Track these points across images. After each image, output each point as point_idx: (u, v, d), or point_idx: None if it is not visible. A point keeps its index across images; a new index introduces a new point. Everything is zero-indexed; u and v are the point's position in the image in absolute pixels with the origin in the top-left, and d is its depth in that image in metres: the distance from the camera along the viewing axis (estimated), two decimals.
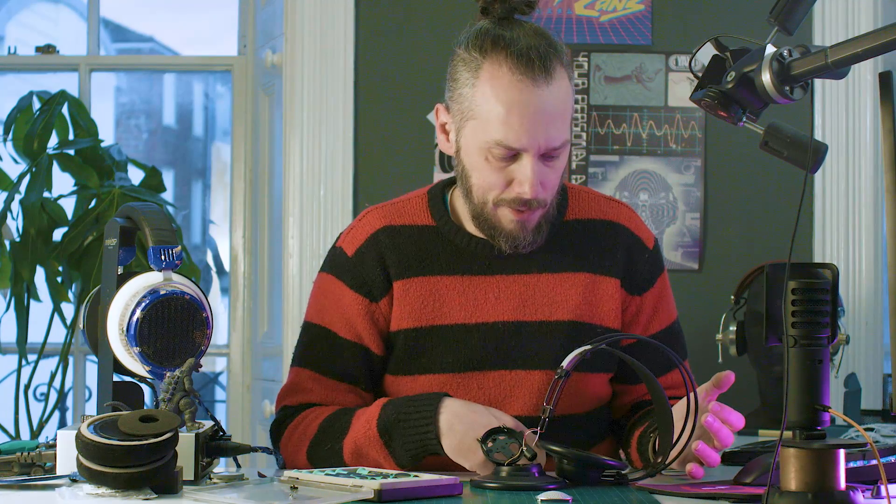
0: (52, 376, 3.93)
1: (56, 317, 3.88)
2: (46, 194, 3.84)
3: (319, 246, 3.72)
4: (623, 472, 1.86)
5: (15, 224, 3.85)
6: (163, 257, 1.88)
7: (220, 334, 4.04)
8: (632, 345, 2.15)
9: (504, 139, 2.01)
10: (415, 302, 2.12)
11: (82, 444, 1.63)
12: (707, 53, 1.70)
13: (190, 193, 9.41)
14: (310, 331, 2.19)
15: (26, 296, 3.81)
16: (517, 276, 2.13)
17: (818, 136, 3.68)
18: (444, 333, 2.11)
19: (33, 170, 3.81)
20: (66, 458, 1.78)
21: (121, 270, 1.92)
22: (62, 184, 3.92)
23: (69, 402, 4.35)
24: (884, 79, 1.51)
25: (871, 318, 3.70)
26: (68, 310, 3.94)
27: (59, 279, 3.85)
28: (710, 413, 1.88)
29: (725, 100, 1.64)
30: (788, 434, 1.55)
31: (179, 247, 1.90)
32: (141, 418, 1.68)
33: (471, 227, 2.15)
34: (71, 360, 4.07)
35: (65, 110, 3.91)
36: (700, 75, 1.69)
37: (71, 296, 3.88)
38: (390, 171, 3.75)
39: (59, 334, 3.94)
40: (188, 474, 1.74)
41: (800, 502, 1.50)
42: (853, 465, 1.74)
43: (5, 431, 3.90)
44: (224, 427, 1.87)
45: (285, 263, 3.77)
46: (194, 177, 9.61)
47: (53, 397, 3.96)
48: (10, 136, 3.93)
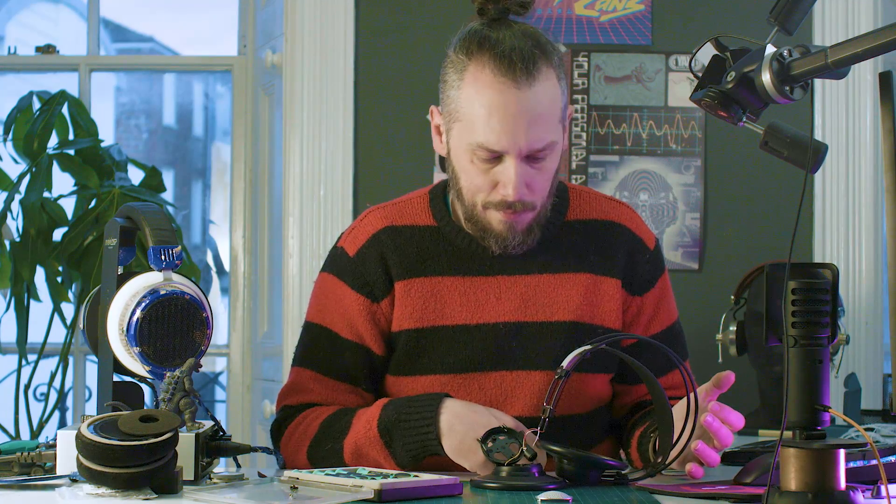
0: (52, 376, 3.92)
1: (56, 317, 3.88)
2: (46, 194, 3.83)
3: (319, 246, 3.71)
4: (623, 472, 1.86)
5: (15, 224, 3.85)
6: (163, 257, 1.88)
7: (220, 334, 4.03)
8: (632, 345, 2.16)
9: (485, 141, 2.01)
10: (416, 302, 2.12)
11: (82, 444, 1.63)
12: (707, 53, 1.70)
13: (190, 193, 9.41)
14: (311, 331, 2.19)
15: (26, 296, 3.81)
16: (518, 276, 2.13)
17: (818, 136, 3.68)
18: (445, 334, 2.11)
19: (33, 170, 3.80)
20: (66, 458, 1.78)
21: (121, 270, 1.92)
22: (62, 184, 3.92)
23: (69, 402, 4.35)
24: (884, 79, 1.51)
25: (871, 318, 3.70)
26: (68, 310, 3.94)
27: (59, 279, 3.85)
28: (710, 413, 1.88)
29: (725, 100, 1.64)
30: (788, 434, 1.55)
31: (179, 247, 1.90)
32: (141, 418, 1.68)
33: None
34: (71, 360, 4.07)
35: (65, 110, 3.91)
36: (700, 75, 1.69)
37: (71, 296, 3.88)
38: (390, 171, 3.74)
39: (59, 334, 3.94)
40: (188, 474, 1.74)
41: (800, 502, 1.50)
42: (853, 465, 1.74)
43: (5, 431, 3.89)
44: (224, 427, 1.87)
45: (285, 263, 3.77)
46: (194, 177, 9.62)
47: (53, 397, 3.96)
48: (10, 136, 3.93)
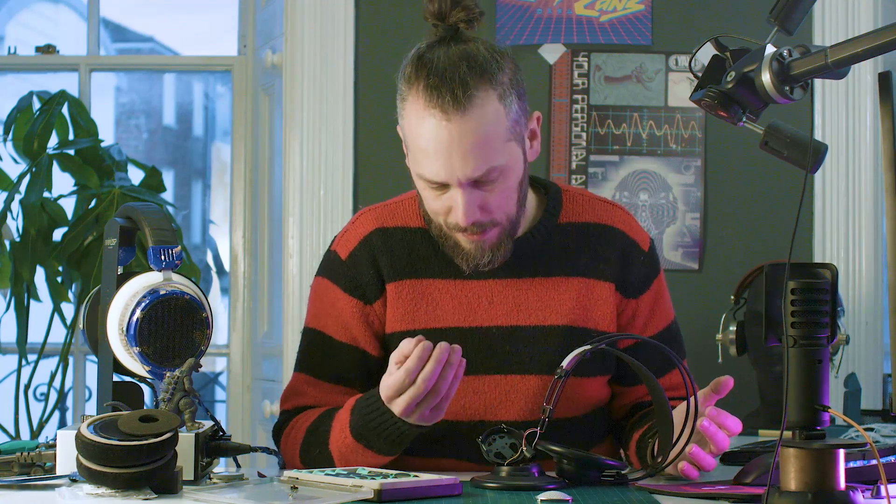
0: (52, 376, 3.93)
1: (56, 317, 3.88)
2: (46, 194, 3.83)
3: (319, 246, 3.71)
4: (623, 472, 1.86)
5: (15, 224, 3.85)
6: (163, 257, 1.88)
7: (220, 334, 4.03)
8: (630, 346, 2.15)
9: (425, 173, 2.02)
10: (407, 304, 2.12)
11: (82, 444, 1.63)
12: (707, 53, 1.70)
13: (190, 193, 9.41)
14: (307, 335, 2.20)
15: (26, 296, 3.81)
16: (511, 280, 2.12)
17: (818, 136, 3.68)
18: (438, 337, 2.09)
19: (33, 170, 3.80)
20: (66, 458, 1.78)
21: (121, 270, 1.92)
22: (62, 184, 3.92)
23: (69, 402, 4.34)
24: (884, 79, 1.51)
25: (871, 318, 3.70)
26: (68, 310, 3.94)
27: (59, 279, 3.85)
28: (707, 417, 1.88)
29: (725, 100, 1.64)
30: (788, 434, 1.55)
31: (179, 247, 1.90)
32: (141, 418, 1.68)
33: None
34: (71, 360, 4.07)
35: (65, 110, 3.91)
36: (700, 75, 1.69)
37: (71, 296, 3.88)
38: (390, 171, 3.74)
39: (59, 334, 3.94)
40: (188, 474, 1.74)
41: (800, 502, 1.50)
42: (853, 465, 1.74)
43: (5, 431, 3.90)
44: (224, 427, 1.87)
45: (285, 263, 3.77)
46: (194, 177, 9.62)
47: (53, 397, 3.96)
48: (10, 136, 3.93)
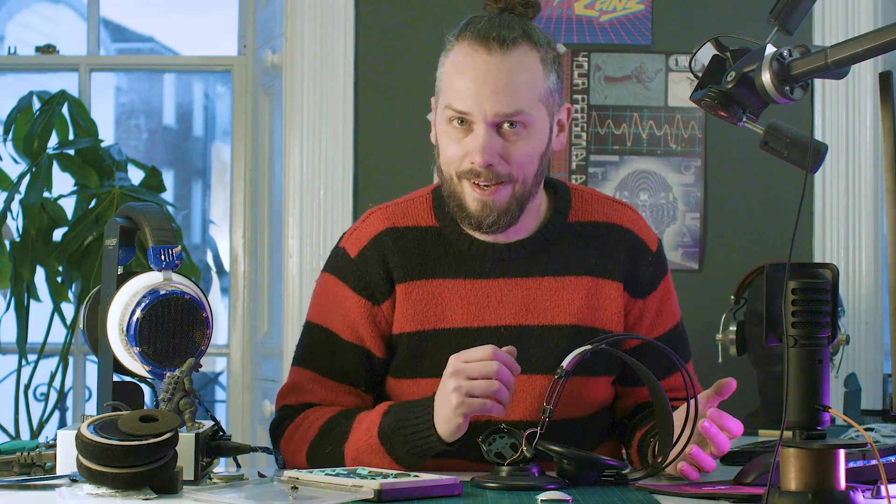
0: (52, 376, 3.93)
1: (56, 317, 3.88)
2: (46, 194, 3.83)
3: (319, 246, 3.71)
4: (623, 472, 1.86)
5: (15, 224, 3.85)
6: (163, 257, 1.88)
7: (220, 334, 4.03)
8: (634, 347, 2.15)
9: (452, 102, 2.04)
10: (417, 305, 2.11)
11: (82, 444, 1.63)
12: (707, 53, 1.70)
13: (190, 193, 9.41)
14: (311, 331, 2.18)
15: (26, 296, 3.81)
16: (519, 279, 2.12)
17: (818, 136, 3.68)
18: (446, 337, 2.10)
19: (33, 170, 3.80)
20: (66, 458, 1.78)
21: (121, 270, 1.92)
22: (62, 184, 3.92)
23: (69, 402, 4.35)
24: (884, 79, 1.51)
25: (871, 318, 3.70)
26: (68, 310, 3.94)
27: (59, 279, 3.85)
28: (708, 419, 1.87)
29: (725, 100, 1.64)
30: (788, 434, 1.55)
31: (179, 247, 1.90)
32: (141, 418, 1.68)
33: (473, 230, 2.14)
34: (71, 360, 4.07)
35: (65, 110, 3.91)
36: (700, 75, 1.69)
37: (71, 296, 3.88)
38: (390, 171, 3.74)
39: (59, 334, 3.94)
40: (188, 474, 1.74)
41: (800, 502, 1.50)
42: (853, 465, 1.74)
43: (5, 431, 3.90)
44: (224, 427, 1.87)
45: (285, 263, 3.77)
46: (194, 177, 9.62)
47: (53, 397, 3.96)
48: (10, 136, 3.93)
